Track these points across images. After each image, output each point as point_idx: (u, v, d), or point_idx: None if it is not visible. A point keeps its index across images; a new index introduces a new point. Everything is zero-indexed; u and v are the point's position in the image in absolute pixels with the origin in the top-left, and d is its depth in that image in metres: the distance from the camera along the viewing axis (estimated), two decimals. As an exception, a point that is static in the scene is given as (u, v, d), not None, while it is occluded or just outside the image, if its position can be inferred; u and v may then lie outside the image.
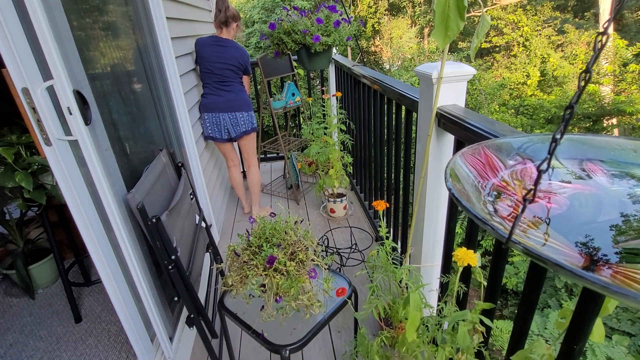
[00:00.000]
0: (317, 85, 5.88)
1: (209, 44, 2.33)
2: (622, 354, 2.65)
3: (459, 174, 0.57)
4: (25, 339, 1.71)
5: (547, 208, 0.54)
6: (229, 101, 2.37)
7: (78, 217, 1.09)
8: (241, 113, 2.41)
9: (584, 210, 0.54)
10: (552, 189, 0.58)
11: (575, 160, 0.63)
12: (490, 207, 0.53)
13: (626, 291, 0.31)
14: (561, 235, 0.48)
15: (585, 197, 0.56)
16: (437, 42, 0.91)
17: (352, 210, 2.81)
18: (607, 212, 0.53)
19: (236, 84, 2.42)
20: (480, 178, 0.59)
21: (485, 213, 0.50)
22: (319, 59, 2.27)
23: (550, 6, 11.14)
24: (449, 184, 0.51)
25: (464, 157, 0.61)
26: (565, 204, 0.55)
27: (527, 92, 9.59)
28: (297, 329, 1.12)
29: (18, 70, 0.92)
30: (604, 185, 0.57)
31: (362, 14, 13.43)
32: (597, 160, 0.62)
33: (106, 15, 1.33)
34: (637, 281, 0.39)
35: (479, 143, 0.66)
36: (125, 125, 1.37)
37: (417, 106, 1.37)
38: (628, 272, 0.41)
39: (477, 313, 0.90)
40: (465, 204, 0.46)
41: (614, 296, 0.32)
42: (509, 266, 4.71)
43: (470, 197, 0.52)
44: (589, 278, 0.33)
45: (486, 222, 0.43)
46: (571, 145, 0.65)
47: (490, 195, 0.56)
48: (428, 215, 1.37)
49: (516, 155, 0.65)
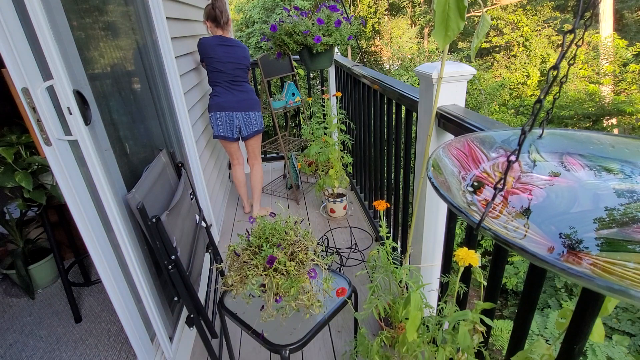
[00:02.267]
0: (317, 85, 5.88)
1: (217, 44, 2.33)
2: (622, 354, 2.65)
3: (442, 165, 0.59)
4: (25, 339, 1.71)
5: (528, 200, 0.57)
6: (243, 100, 2.42)
7: (78, 217, 1.09)
8: (254, 112, 2.47)
9: (559, 201, 0.56)
10: (533, 181, 0.61)
11: (556, 154, 0.65)
12: (469, 196, 0.55)
13: (575, 271, 0.34)
14: (535, 225, 0.51)
15: (562, 189, 0.58)
16: (437, 42, 0.91)
17: (352, 210, 2.81)
18: (581, 204, 0.55)
19: (246, 83, 2.47)
20: (462, 169, 0.61)
21: (463, 202, 0.52)
22: (320, 59, 2.27)
23: (550, 6, 11.14)
24: (430, 174, 0.53)
25: (447, 149, 0.64)
26: (541, 196, 0.57)
27: (527, 92, 9.60)
28: (297, 329, 1.12)
29: (18, 70, 0.92)
30: (580, 179, 0.60)
31: (362, 13, 13.43)
32: (577, 154, 0.64)
33: (106, 15, 1.33)
34: (601, 267, 0.41)
35: (464, 135, 0.69)
36: (125, 125, 1.37)
37: (417, 106, 1.37)
38: (594, 259, 0.43)
39: (477, 313, 0.90)
40: (443, 192, 0.48)
41: (572, 278, 0.34)
42: (509, 266, 4.70)
43: (451, 187, 0.54)
44: (549, 261, 0.35)
45: (460, 209, 0.45)
46: (554, 140, 0.67)
47: (470, 185, 0.58)
48: (428, 215, 1.37)
49: (499, 148, 0.67)
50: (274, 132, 2.95)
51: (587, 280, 0.33)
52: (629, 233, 0.47)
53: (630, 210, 0.51)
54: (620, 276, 0.39)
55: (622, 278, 0.38)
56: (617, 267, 0.40)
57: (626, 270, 0.39)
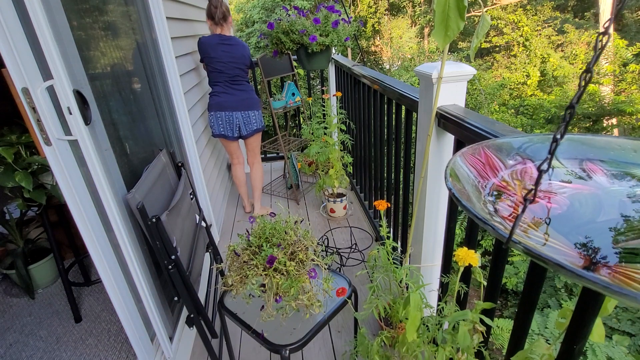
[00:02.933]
0: (317, 85, 5.88)
1: (217, 44, 2.31)
2: (622, 354, 2.65)
3: (459, 174, 0.57)
4: (25, 338, 1.71)
5: (547, 208, 0.54)
6: (243, 100, 2.41)
7: (78, 217, 1.09)
8: (253, 112, 2.46)
9: (583, 210, 0.54)
10: (552, 188, 0.58)
11: (576, 160, 0.63)
12: (490, 207, 0.53)
13: (626, 291, 0.31)
14: (561, 235, 0.48)
15: (585, 197, 0.56)
16: (437, 42, 0.91)
17: (352, 210, 2.81)
18: (607, 212, 0.53)
19: (246, 82, 2.45)
20: (480, 178, 0.59)
21: (485, 213, 0.49)
22: (317, 59, 2.27)
23: (550, 6, 11.14)
24: (449, 184, 0.51)
25: (464, 157, 0.61)
26: (565, 204, 0.55)
27: (527, 92, 9.59)
28: (297, 328, 1.12)
29: (18, 70, 0.92)
30: (603, 185, 0.57)
31: (362, 13, 13.43)
32: (597, 160, 0.62)
33: (106, 15, 1.33)
34: (637, 280, 0.39)
35: (479, 143, 0.66)
36: (125, 125, 1.37)
37: (417, 106, 1.37)
38: (628, 272, 0.41)
39: (477, 313, 0.90)
40: (465, 203, 0.46)
41: (614, 296, 0.32)
42: (509, 266, 4.70)
43: (471, 197, 0.52)
44: (590, 278, 0.33)
45: (487, 221, 0.43)
46: (571, 145, 0.64)
47: (490, 195, 0.56)
48: (428, 215, 1.37)
49: (516, 155, 0.64)
50: (274, 132, 2.95)
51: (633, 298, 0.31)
52: None
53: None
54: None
55: None
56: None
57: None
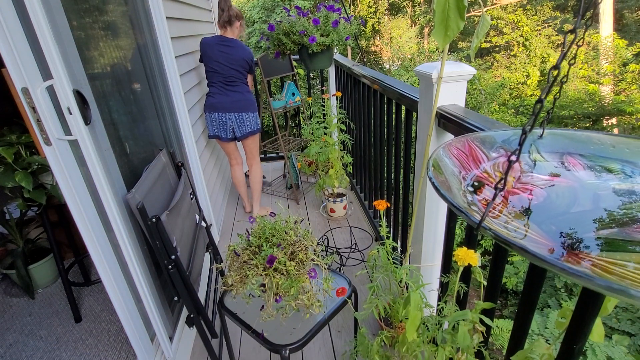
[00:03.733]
0: (317, 85, 5.88)
1: (215, 44, 2.32)
2: (622, 353, 2.65)
3: (442, 165, 0.59)
4: (25, 338, 1.71)
5: (528, 200, 0.57)
6: (236, 101, 2.39)
7: (78, 217, 1.09)
8: (247, 113, 2.43)
9: (559, 201, 0.56)
10: (533, 181, 0.61)
11: (557, 154, 0.65)
12: (469, 196, 0.55)
13: (575, 270, 0.34)
14: (535, 225, 0.51)
15: (562, 189, 0.58)
16: (437, 42, 0.91)
17: (352, 210, 2.81)
18: (581, 204, 0.55)
19: (242, 84, 2.43)
20: (462, 169, 0.61)
21: (464, 202, 0.52)
22: (319, 59, 2.27)
23: (550, 6, 11.14)
24: (430, 174, 0.53)
25: (447, 149, 0.63)
26: (542, 195, 0.57)
27: (527, 92, 9.60)
28: (297, 328, 1.12)
29: (18, 70, 0.92)
30: (581, 179, 0.60)
31: (362, 13, 13.42)
32: (577, 154, 0.64)
33: (106, 15, 1.33)
34: (598, 265, 0.42)
35: (465, 135, 0.69)
36: (125, 125, 1.37)
37: (417, 106, 1.37)
38: (594, 259, 0.43)
39: (477, 312, 0.90)
40: (443, 192, 0.48)
41: (571, 277, 0.34)
42: (509, 266, 4.70)
43: (451, 187, 0.54)
44: (550, 261, 0.35)
45: (460, 208, 0.45)
46: (554, 140, 0.67)
47: (471, 185, 0.58)
48: (428, 215, 1.37)
49: (499, 148, 0.67)
50: (274, 132, 2.95)
51: (587, 279, 0.33)
52: (629, 233, 0.47)
53: (631, 210, 0.51)
54: (621, 276, 0.39)
55: (622, 278, 0.38)
56: (617, 267, 0.40)
57: (626, 270, 0.39)
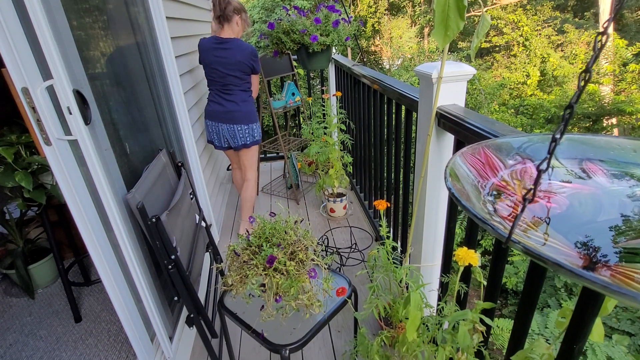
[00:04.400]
0: (317, 85, 5.88)
1: (210, 48, 2.11)
2: (622, 353, 2.65)
3: (459, 174, 0.57)
4: (25, 338, 1.71)
5: (547, 208, 0.54)
6: (229, 112, 2.20)
7: (78, 217, 1.09)
8: (240, 126, 2.22)
9: (583, 210, 0.54)
10: (552, 188, 0.58)
11: (575, 160, 0.63)
12: (490, 206, 0.53)
13: (626, 290, 0.31)
14: (561, 235, 0.48)
15: (585, 197, 0.56)
16: (437, 42, 0.91)
17: (352, 210, 2.81)
18: (607, 212, 0.53)
19: (239, 91, 2.20)
20: (479, 178, 0.59)
21: (485, 213, 0.49)
22: (318, 59, 2.27)
23: (550, 6, 11.14)
24: (449, 184, 0.51)
25: (463, 156, 0.61)
26: (564, 204, 0.55)
27: (527, 91, 9.60)
28: (297, 328, 1.12)
29: (18, 70, 0.92)
30: (603, 185, 0.57)
31: (362, 13, 13.42)
32: (597, 160, 0.62)
33: (106, 15, 1.33)
34: (637, 280, 0.39)
35: (479, 143, 0.66)
36: (125, 125, 1.37)
37: (417, 106, 1.37)
38: (627, 272, 0.41)
39: (477, 312, 0.90)
40: (465, 203, 0.46)
41: (614, 295, 0.32)
42: (509, 266, 4.71)
43: (470, 196, 0.52)
44: (589, 277, 0.33)
45: (486, 221, 0.43)
46: (571, 145, 0.64)
47: (490, 195, 0.56)
48: (428, 214, 1.37)
49: (516, 155, 0.64)
50: (274, 132, 2.95)
51: (632, 298, 0.31)
52: None
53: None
54: None
55: None
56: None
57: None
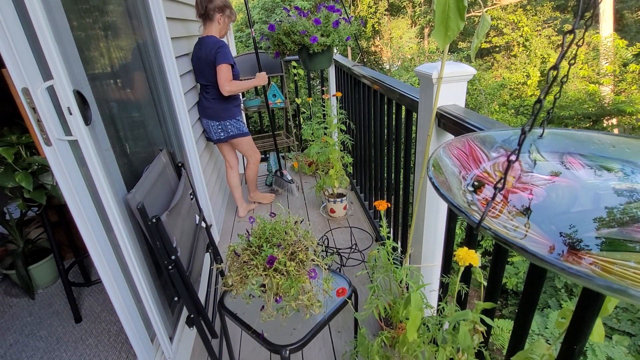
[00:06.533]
0: (317, 85, 5.88)
1: (195, 49, 2.24)
2: (622, 353, 2.65)
3: (442, 165, 0.59)
4: (25, 339, 1.71)
5: (528, 200, 0.57)
6: (205, 108, 2.37)
7: (78, 217, 1.09)
8: (212, 122, 2.39)
9: (559, 201, 0.57)
10: (533, 180, 0.61)
11: (557, 154, 0.65)
12: (469, 196, 0.55)
13: (574, 270, 0.33)
14: (535, 224, 0.51)
15: (562, 189, 0.59)
16: (437, 42, 0.91)
17: (352, 210, 2.81)
18: (581, 204, 0.55)
19: (212, 88, 2.29)
20: (462, 169, 0.61)
21: (464, 202, 0.52)
22: (319, 59, 2.27)
23: (550, 6, 11.14)
24: (430, 174, 0.53)
25: (448, 149, 0.64)
26: (542, 195, 0.57)
27: (527, 92, 9.60)
28: (297, 329, 1.12)
29: (18, 70, 0.92)
30: (581, 178, 0.60)
31: (362, 14, 13.42)
32: (578, 154, 0.64)
33: (106, 15, 1.33)
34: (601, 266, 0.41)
35: (465, 135, 0.69)
36: (126, 125, 1.37)
37: (417, 106, 1.37)
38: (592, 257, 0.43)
39: (477, 313, 0.90)
40: (443, 192, 0.48)
41: (571, 277, 0.34)
42: (509, 266, 4.70)
43: (452, 187, 0.54)
44: (549, 260, 0.35)
45: (460, 208, 0.45)
46: (554, 139, 0.67)
47: (471, 185, 0.58)
48: (428, 215, 1.37)
49: (500, 147, 0.67)
50: (272, 130, 2.97)
51: (586, 279, 0.33)
52: (629, 232, 0.47)
53: (631, 210, 0.51)
54: (621, 276, 0.39)
55: (622, 277, 0.38)
56: (617, 267, 0.40)
57: (626, 269, 0.39)
